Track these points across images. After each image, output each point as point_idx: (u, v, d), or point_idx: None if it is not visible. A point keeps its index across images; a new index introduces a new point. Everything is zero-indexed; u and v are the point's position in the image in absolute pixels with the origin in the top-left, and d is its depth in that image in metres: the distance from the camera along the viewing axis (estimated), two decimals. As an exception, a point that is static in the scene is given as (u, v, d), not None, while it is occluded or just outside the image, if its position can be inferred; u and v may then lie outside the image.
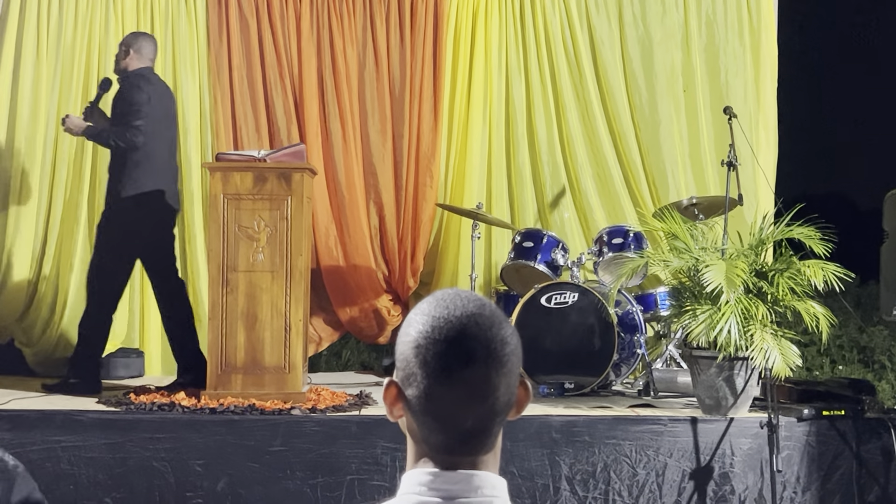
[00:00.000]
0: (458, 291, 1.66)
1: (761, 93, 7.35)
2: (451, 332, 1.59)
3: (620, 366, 6.25)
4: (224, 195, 5.68)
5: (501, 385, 1.60)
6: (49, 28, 7.03)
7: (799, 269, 5.28)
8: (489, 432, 1.62)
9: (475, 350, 1.59)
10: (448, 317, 1.60)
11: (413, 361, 1.61)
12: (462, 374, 1.58)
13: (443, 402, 1.59)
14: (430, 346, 1.60)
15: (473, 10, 7.40)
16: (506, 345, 1.61)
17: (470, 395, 1.59)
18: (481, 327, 1.60)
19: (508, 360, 1.61)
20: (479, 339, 1.59)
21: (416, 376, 1.61)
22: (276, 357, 5.64)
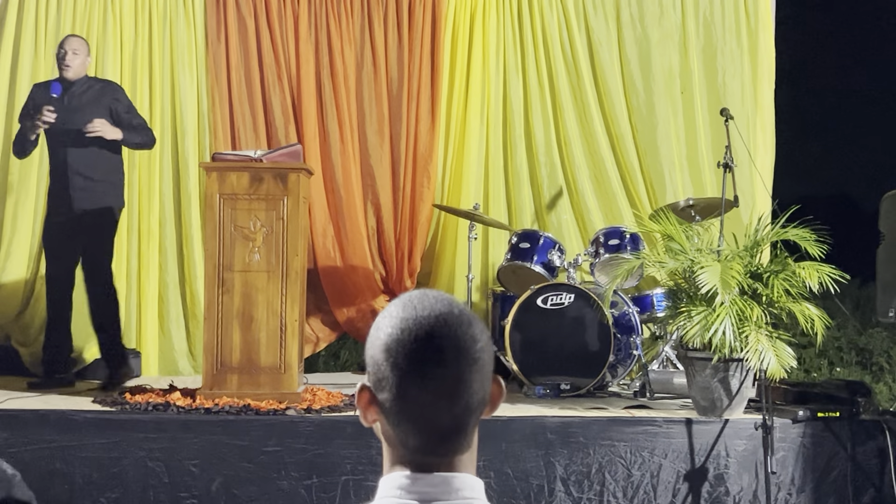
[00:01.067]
0: (426, 292, 1.65)
1: (759, 94, 7.35)
2: (420, 333, 1.58)
3: (617, 367, 6.25)
4: (220, 195, 5.68)
5: (475, 382, 1.60)
6: (47, 27, 7.04)
7: (794, 270, 5.28)
8: (465, 430, 1.61)
9: (446, 349, 1.58)
10: (416, 317, 1.60)
11: (384, 365, 1.60)
12: (434, 373, 1.58)
13: (417, 404, 1.59)
14: (400, 348, 1.59)
15: (471, 11, 7.40)
16: (476, 342, 1.60)
17: (444, 394, 1.58)
18: (450, 326, 1.59)
19: (480, 357, 1.60)
20: (450, 338, 1.58)
21: (388, 379, 1.60)
22: (272, 357, 5.64)
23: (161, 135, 7.11)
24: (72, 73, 6.25)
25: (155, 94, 7.14)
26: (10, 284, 6.94)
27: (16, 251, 6.95)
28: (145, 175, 7.11)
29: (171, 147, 7.15)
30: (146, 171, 7.10)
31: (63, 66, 6.24)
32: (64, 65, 6.24)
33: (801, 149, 8.69)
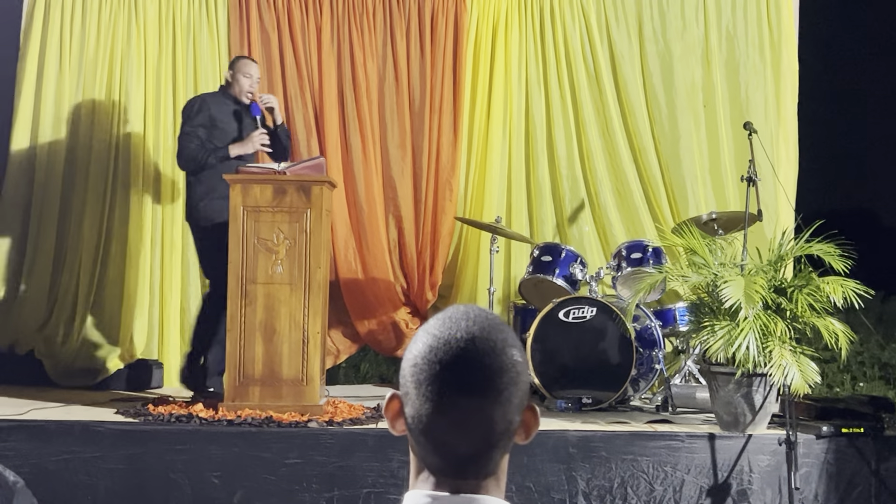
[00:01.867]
0: (469, 310, 1.60)
1: (782, 108, 7.33)
2: (446, 356, 1.54)
3: (639, 381, 6.23)
4: (244, 207, 5.70)
5: (496, 414, 1.54)
6: (72, 40, 7.09)
7: (818, 285, 5.26)
8: (486, 459, 1.57)
9: (468, 378, 1.53)
10: (448, 338, 1.55)
11: (409, 381, 1.57)
12: (453, 400, 1.53)
13: (435, 426, 1.55)
14: (425, 367, 1.55)
15: (493, 24, 7.41)
16: (504, 373, 1.54)
17: (462, 422, 1.53)
18: (479, 353, 1.54)
19: (506, 389, 1.54)
20: (474, 367, 1.54)
21: (410, 396, 1.57)
22: (294, 369, 5.65)
23: (184, 147, 7.14)
24: (249, 99, 6.32)
25: (178, 105, 7.14)
26: (35, 296, 6.98)
27: (40, 262, 6.99)
28: (168, 187, 7.13)
29: (194, 159, 7.17)
30: (169, 183, 7.13)
31: (251, 91, 6.30)
32: (252, 90, 6.31)
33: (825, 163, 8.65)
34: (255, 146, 6.25)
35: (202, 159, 6.13)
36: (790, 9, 7.35)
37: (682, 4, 7.41)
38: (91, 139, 7.05)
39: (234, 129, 6.27)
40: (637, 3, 7.41)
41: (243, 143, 6.22)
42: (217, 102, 6.30)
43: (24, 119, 7.02)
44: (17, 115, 7.02)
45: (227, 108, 6.30)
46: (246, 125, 6.30)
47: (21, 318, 6.97)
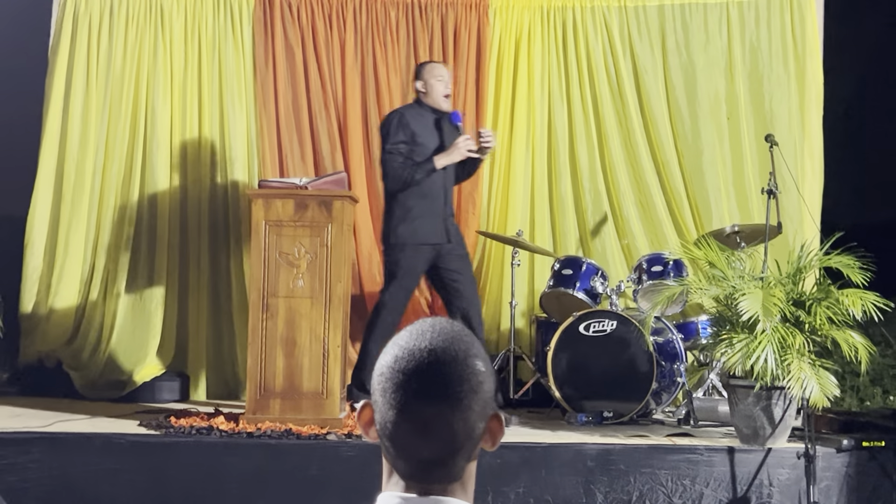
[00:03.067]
0: (436, 322, 1.68)
1: (806, 120, 7.29)
2: (409, 366, 1.62)
3: (661, 394, 6.22)
4: (266, 221, 5.76)
5: (456, 421, 1.61)
6: (99, 56, 7.18)
7: (837, 298, 5.23)
8: (450, 464, 1.64)
9: (428, 386, 1.61)
10: (412, 349, 1.63)
11: (377, 389, 1.65)
12: (413, 407, 1.61)
13: (398, 432, 1.63)
14: (390, 376, 1.63)
15: (516, 37, 7.44)
16: (464, 382, 1.62)
17: (423, 428, 1.61)
18: (441, 363, 1.62)
19: (466, 397, 1.62)
20: (435, 375, 1.61)
21: (378, 403, 1.65)
22: (315, 383, 5.69)
23: (209, 162, 7.22)
24: (448, 102, 6.30)
25: (204, 121, 7.25)
26: (62, 309, 7.06)
27: (68, 276, 7.07)
28: (195, 202, 7.20)
29: (221, 174, 7.25)
30: (196, 199, 7.20)
31: (447, 95, 6.28)
32: (448, 94, 6.28)
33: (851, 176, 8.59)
34: (461, 154, 6.13)
35: (408, 177, 6.07)
36: (814, 21, 7.32)
37: (706, 16, 7.40)
38: (117, 154, 7.13)
39: (435, 142, 6.20)
40: (660, 16, 7.41)
41: (449, 152, 6.13)
42: (415, 115, 6.23)
43: (52, 134, 7.11)
44: (45, 131, 7.11)
45: (424, 119, 6.22)
46: (447, 134, 6.21)
47: (49, 332, 7.06)
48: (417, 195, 6.09)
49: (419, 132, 6.16)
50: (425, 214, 6.11)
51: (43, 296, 7.09)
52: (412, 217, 6.13)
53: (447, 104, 6.25)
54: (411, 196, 6.11)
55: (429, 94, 6.24)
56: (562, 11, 7.44)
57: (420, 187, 6.09)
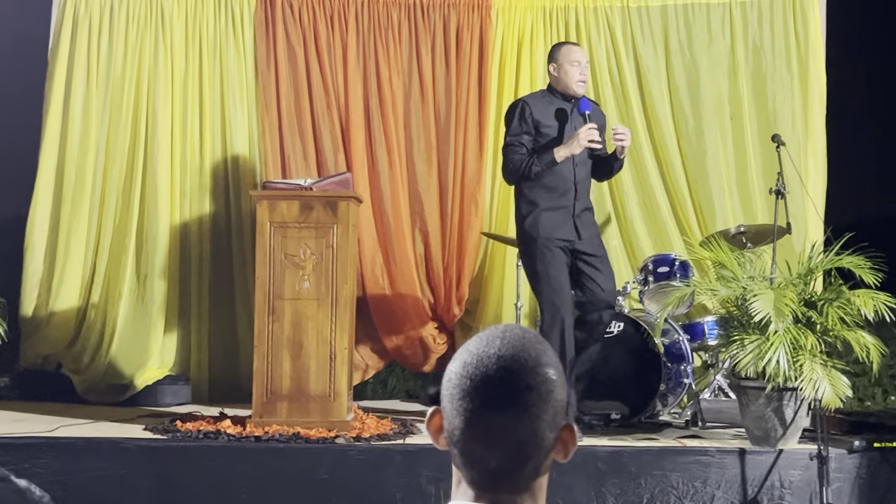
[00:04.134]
0: (507, 329, 1.64)
1: (809, 120, 7.28)
2: (476, 372, 1.59)
3: (667, 396, 6.19)
4: (271, 223, 5.71)
5: (523, 430, 1.58)
6: (99, 58, 7.12)
7: (848, 298, 5.21)
8: (518, 474, 1.60)
9: (494, 394, 1.57)
10: (481, 355, 1.60)
11: (445, 396, 1.63)
12: (480, 415, 1.58)
13: (465, 440, 1.59)
14: (457, 382, 1.60)
15: (518, 38, 7.41)
16: (531, 391, 1.58)
17: (489, 437, 1.58)
18: (509, 371, 1.58)
19: (533, 406, 1.58)
20: (502, 383, 1.58)
21: (446, 410, 1.62)
22: (322, 385, 5.64)
23: (211, 164, 7.18)
24: (583, 88, 5.79)
25: (205, 123, 7.20)
26: (63, 312, 7.01)
27: (68, 279, 7.02)
28: (196, 204, 7.16)
29: (222, 176, 7.20)
30: (197, 201, 7.15)
31: (581, 81, 5.75)
32: (582, 80, 5.75)
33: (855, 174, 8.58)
34: (581, 145, 5.54)
35: (525, 169, 5.63)
36: (817, 21, 7.31)
37: (709, 17, 7.39)
38: (117, 156, 7.08)
39: (562, 132, 5.70)
40: (663, 16, 7.39)
41: (569, 143, 5.57)
42: (539, 103, 5.77)
43: (52, 136, 7.05)
44: (46, 133, 7.06)
45: (551, 107, 5.73)
46: (574, 122, 5.69)
47: (50, 335, 7.00)
48: (542, 188, 5.67)
49: (543, 121, 5.70)
50: (551, 209, 5.68)
51: (43, 299, 7.04)
52: (538, 211, 5.70)
53: (581, 90, 5.74)
54: (535, 189, 5.69)
55: (560, 79, 5.73)
56: (564, 12, 7.42)
57: (544, 180, 5.66)
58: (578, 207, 5.73)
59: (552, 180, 5.68)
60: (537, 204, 5.71)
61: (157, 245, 7.03)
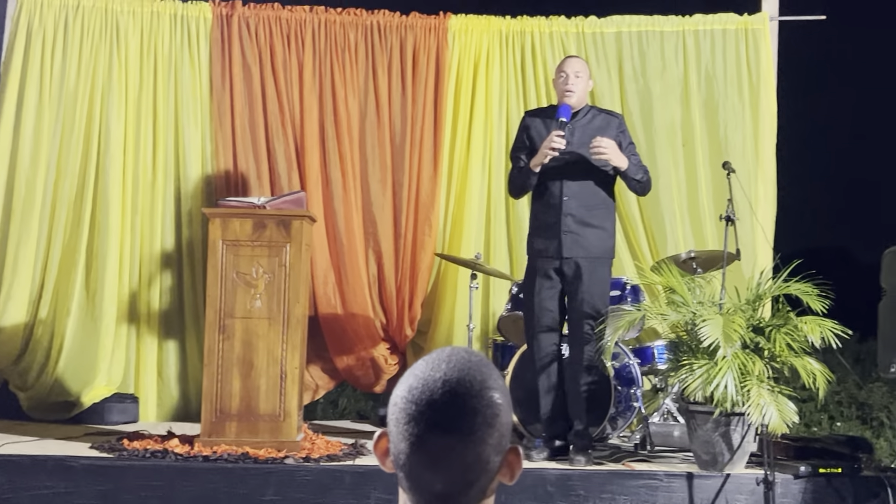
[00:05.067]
0: (453, 352, 1.64)
1: (760, 148, 7.38)
2: (422, 397, 1.59)
3: (617, 419, 6.22)
4: (223, 241, 5.69)
5: (469, 454, 1.58)
6: (52, 72, 7.05)
7: (796, 325, 5.28)
8: (464, 497, 1.60)
9: (440, 418, 1.57)
10: (426, 379, 1.60)
11: (391, 419, 1.63)
12: (425, 440, 1.58)
13: (411, 464, 1.59)
14: (403, 406, 1.60)
15: (475, 60, 7.45)
16: (477, 414, 1.58)
17: (435, 460, 1.58)
18: (454, 395, 1.58)
19: (479, 430, 1.58)
20: (448, 407, 1.58)
21: (392, 434, 1.62)
22: (272, 405, 5.62)
23: (164, 181, 7.13)
24: (575, 99, 5.67)
25: (159, 139, 7.16)
26: (10, 328, 6.91)
27: (16, 294, 6.92)
28: (148, 221, 7.11)
29: (173, 193, 7.16)
30: (148, 217, 7.10)
31: (566, 91, 5.67)
32: (567, 90, 5.67)
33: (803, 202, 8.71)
34: (543, 153, 5.53)
35: (519, 184, 5.75)
36: (768, 50, 7.42)
37: (662, 44, 7.47)
38: (69, 170, 7.02)
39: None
40: (617, 42, 7.47)
41: (539, 151, 5.60)
42: (539, 116, 5.80)
43: (3, 150, 6.96)
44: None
45: (546, 122, 5.70)
46: (569, 134, 5.63)
47: (-4, 351, 6.91)
48: (541, 204, 5.69)
49: (537, 136, 5.71)
50: (542, 225, 5.71)
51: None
52: (535, 228, 5.78)
53: (569, 99, 5.66)
54: (533, 205, 5.79)
55: (557, 93, 5.80)
56: (521, 36, 7.48)
57: (543, 196, 5.69)
58: (569, 223, 5.67)
59: (544, 195, 5.71)
60: (533, 220, 5.83)
61: (107, 261, 6.96)
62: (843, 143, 8.71)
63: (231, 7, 7.27)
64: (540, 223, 5.79)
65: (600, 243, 5.73)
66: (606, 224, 5.77)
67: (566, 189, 5.67)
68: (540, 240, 5.77)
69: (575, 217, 5.68)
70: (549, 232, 5.71)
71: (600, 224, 5.73)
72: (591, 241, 5.69)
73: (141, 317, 7.08)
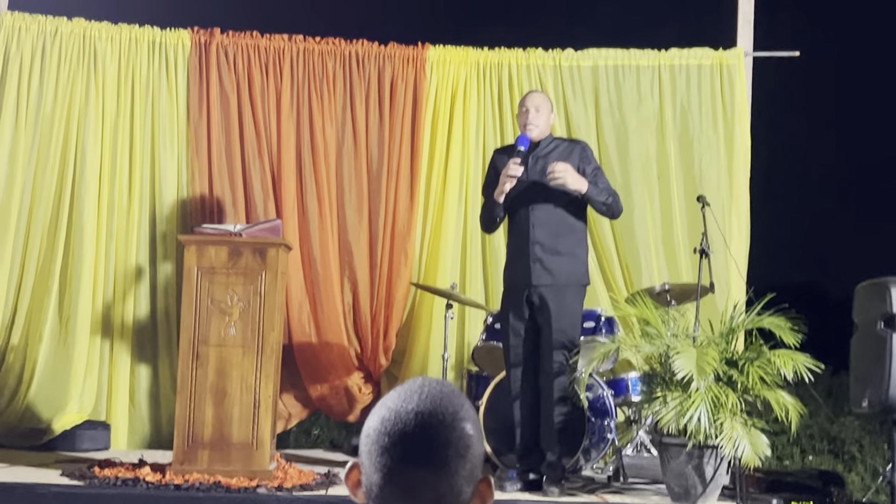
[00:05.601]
0: (425, 382, 1.65)
1: (734, 182, 7.43)
2: (394, 429, 1.60)
3: (590, 451, 6.22)
4: (198, 268, 5.68)
5: (442, 485, 1.59)
6: (29, 97, 7.04)
7: (769, 358, 5.31)
8: None
9: (412, 450, 1.58)
10: (399, 411, 1.61)
11: (363, 451, 1.63)
12: (398, 471, 1.58)
13: (384, 496, 1.60)
14: (376, 438, 1.61)
15: (452, 91, 7.49)
16: (449, 446, 1.59)
17: (408, 492, 1.58)
18: (427, 426, 1.59)
19: (452, 461, 1.59)
20: (420, 439, 1.59)
21: (364, 466, 1.62)
22: (244, 433, 5.59)
23: (140, 207, 7.11)
24: (536, 132, 5.75)
25: (135, 166, 7.14)
26: (-20, 354, 6.86)
27: (-12, 321, 6.88)
28: (122, 247, 7.08)
29: (148, 219, 7.14)
30: (123, 243, 7.08)
31: (527, 125, 5.75)
32: (527, 123, 5.75)
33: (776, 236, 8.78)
34: (503, 180, 5.62)
35: (485, 217, 5.88)
36: (743, 85, 7.49)
37: (638, 78, 7.53)
38: (44, 196, 6.99)
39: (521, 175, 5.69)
40: (594, 76, 7.53)
41: (499, 182, 5.68)
42: (505, 153, 5.81)
43: (-22, 175, 6.94)
44: (-29, 172, 6.95)
45: (509, 157, 5.71)
46: (530, 166, 5.72)
47: (-34, 377, 6.85)
48: (512, 234, 5.78)
49: (501, 169, 5.74)
50: (513, 254, 5.79)
51: (-38, 341, 6.89)
52: (508, 258, 5.86)
53: (531, 133, 5.73)
54: (509, 236, 5.87)
55: (519, 127, 5.86)
56: (498, 68, 7.53)
57: (513, 226, 5.76)
58: (537, 251, 5.71)
59: (514, 225, 5.78)
60: (507, 251, 5.90)
61: (80, 287, 6.93)
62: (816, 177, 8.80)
63: (210, 35, 7.28)
64: (511, 253, 5.87)
65: (568, 270, 5.74)
66: (577, 250, 5.80)
67: (533, 217, 5.73)
68: (511, 269, 5.85)
69: (543, 245, 5.71)
70: (518, 261, 5.77)
71: (569, 251, 5.76)
72: (559, 268, 5.72)
73: (114, 343, 7.04)
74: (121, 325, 7.06)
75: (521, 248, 5.73)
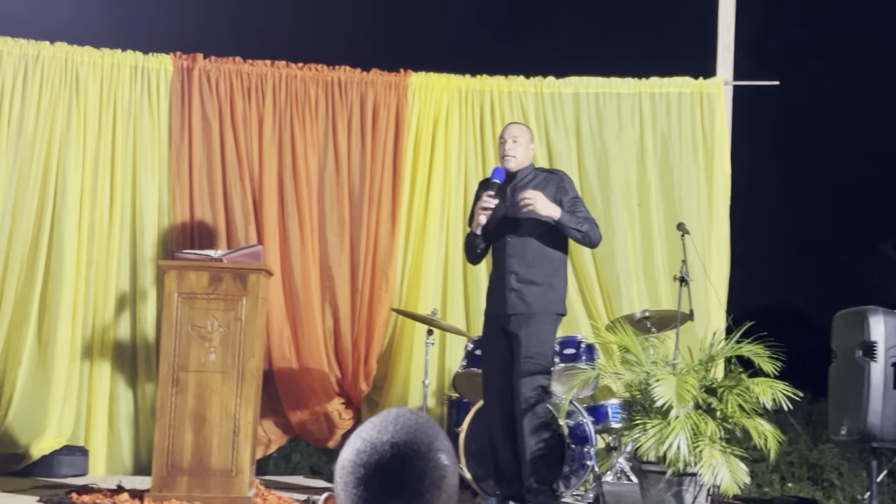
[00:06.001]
0: (399, 413, 1.67)
1: (714, 210, 7.48)
2: (370, 460, 1.61)
3: (570, 477, 6.22)
4: (179, 293, 5.67)
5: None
6: (10, 121, 7.02)
7: (748, 386, 5.33)
8: None
9: (389, 482, 1.60)
10: (374, 442, 1.62)
11: (339, 482, 1.64)
12: (372, 502, 1.60)
13: None
14: (351, 470, 1.62)
15: (434, 117, 7.52)
16: (425, 477, 1.61)
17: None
18: (402, 458, 1.61)
19: (427, 492, 1.61)
20: (396, 471, 1.60)
21: (340, 497, 1.63)
22: (224, 460, 5.57)
23: (120, 232, 7.10)
24: (514, 163, 5.79)
25: (116, 190, 7.13)
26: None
27: (-34, 345, 6.84)
28: (102, 272, 7.06)
29: (129, 244, 7.12)
30: (103, 268, 7.06)
31: (505, 156, 5.81)
32: (505, 155, 5.81)
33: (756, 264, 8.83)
34: (477, 212, 5.69)
35: (468, 248, 5.94)
36: (723, 114, 7.55)
37: (619, 106, 7.58)
38: (24, 219, 6.96)
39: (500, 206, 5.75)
40: (575, 103, 7.57)
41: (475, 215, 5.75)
42: (486, 185, 5.84)
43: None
44: (-49, 194, 6.93)
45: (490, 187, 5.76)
46: (508, 197, 5.77)
47: (-56, 401, 6.80)
48: (493, 264, 5.87)
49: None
50: (493, 284, 5.85)
51: (-61, 365, 6.84)
52: (489, 287, 5.94)
53: (508, 164, 5.79)
54: (492, 265, 5.94)
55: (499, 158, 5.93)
56: (480, 95, 7.57)
57: (494, 257, 5.83)
58: (512, 281, 5.72)
59: (494, 256, 5.84)
60: (490, 281, 5.92)
61: (59, 312, 6.89)
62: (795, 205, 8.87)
63: (192, 60, 7.29)
64: (492, 282, 5.93)
65: (542, 299, 5.74)
66: (554, 280, 5.80)
67: (509, 248, 5.76)
68: (491, 299, 5.90)
69: (518, 275, 5.74)
70: (497, 291, 5.81)
71: (545, 281, 5.77)
72: (533, 297, 5.72)
73: (93, 368, 7.01)
74: (100, 350, 7.03)
75: (500, 278, 5.77)
